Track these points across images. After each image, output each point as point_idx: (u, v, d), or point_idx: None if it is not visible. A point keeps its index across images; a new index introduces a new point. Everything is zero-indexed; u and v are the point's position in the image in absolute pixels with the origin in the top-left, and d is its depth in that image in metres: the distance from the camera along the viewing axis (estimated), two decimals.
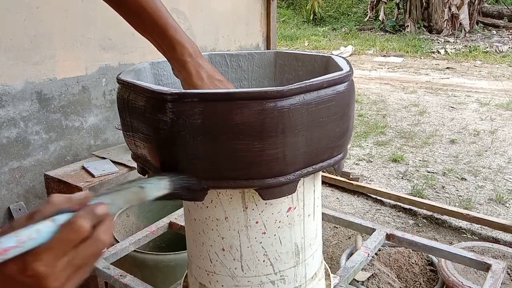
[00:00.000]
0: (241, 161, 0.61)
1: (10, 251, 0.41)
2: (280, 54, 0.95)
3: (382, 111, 4.90)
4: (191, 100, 0.59)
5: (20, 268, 0.42)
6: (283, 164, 0.63)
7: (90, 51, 2.02)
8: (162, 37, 0.75)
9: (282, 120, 0.60)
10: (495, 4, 10.54)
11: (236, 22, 2.76)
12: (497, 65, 7.17)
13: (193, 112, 0.59)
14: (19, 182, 1.86)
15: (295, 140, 0.62)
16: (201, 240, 0.76)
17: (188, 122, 0.60)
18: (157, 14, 0.74)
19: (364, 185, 2.94)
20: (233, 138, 0.59)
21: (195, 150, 0.61)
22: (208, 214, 0.73)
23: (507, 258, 1.85)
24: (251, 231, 0.73)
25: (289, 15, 12.44)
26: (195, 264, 0.81)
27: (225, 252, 0.74)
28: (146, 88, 0.64)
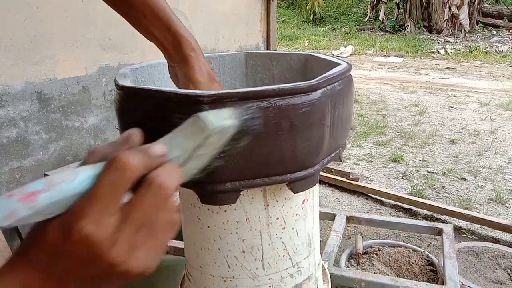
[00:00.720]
0: (277, 156, 0.62)
1: (40, 195, 0.31)
2: (251, 55, 0.96)
3: (382, 111, 4.90)
4: (229, 101, 0.58)
5: (63, 233, 0.32)
6: (312, 155, 0.65)
7: (90, 51, 2.02)
8: (166, 32, 0.73)
9: (313, 113, 0.62)
10: (495, 4, 10.54)
11: (236, 22, 2.77)
12: (497, 65, 7.17)
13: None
14: (19, 182, 1.86)
15: (322, 131, 0.64)
16: (217, 247, 0.75)
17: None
18: (160, 9, 0.73)
19: (364, 185, 2.94)
20: (271, 134, 0.60)
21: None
22: (227, 218, 0.72)
23: (507, 258, 1.85)
24: (272, 228, 0.73)
25: (289, 15, 12.44)
26: (206, 274, 0.79)
27: (246, 254, 0.74)
28: (177, 93, 0.61)
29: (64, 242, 0.32)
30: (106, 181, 0.33)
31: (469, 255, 1.87)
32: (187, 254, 0.83)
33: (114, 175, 0.33)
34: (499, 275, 1.76)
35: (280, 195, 0.70)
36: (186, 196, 0.77)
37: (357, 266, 1.90)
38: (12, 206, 0.30)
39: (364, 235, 2.39)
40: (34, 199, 0.31)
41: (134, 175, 0.33)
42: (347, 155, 3.65)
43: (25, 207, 0.30)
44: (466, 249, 1.90)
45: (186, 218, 0.79)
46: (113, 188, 0.33)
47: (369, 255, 1.96)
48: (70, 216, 0.32)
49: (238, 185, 0.63)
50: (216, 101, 0.57)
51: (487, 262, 1.83)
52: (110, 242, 0.32)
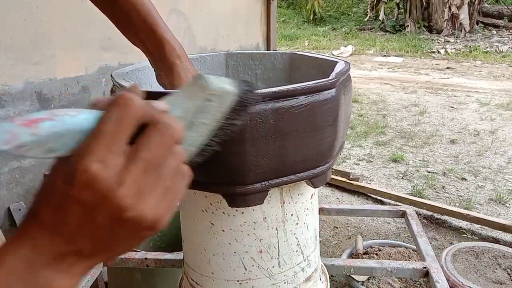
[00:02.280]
0: (303, 153, 0.63)
1: (43, 123, 0.30)
2: (231, 55, 0.96)
3: (382, 111, 4.90)
4: (263, 100, 0.58)
5: (67, 176, 0.30)
6: (330, 150, 0.67)
7: (90, 51, 2.02)
8: (151, 37, 0.71)
9: (334, 109, 0.64)
10: (495, 4, 10.54)
11: (236, 22, 2.76)
12: (497, 65, 7.17)
13: (267, 112, 0.58)
14: (19, 182, 1.86)
15: (339, 127, 0.66)
16: (232, 250, 0.74)
17: (262, 122, 0.58)
18: (146, 13, 0.72)
19: (364, 185, 2.94)
20: (301, 132, 0.61)
21: (266, 151, 0.60)
22: (244, 219, 0.72)
23: (507, 258, 1.85)
24: (287, 225, 0.74)
25: (289, 15, 12.44)
26: (220, 280, 0.78)
27: (263, 254, 0.74)
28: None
29: (68, 187, 0.30)
30: (112, 117, 0.31)
31: (469, 255, 1.87)
32: (191, 263, 0.81)
33: (119, 111, 0.31)
34: (499, 275, 1.76)
35: (294, 192, 0.71)
36: (194, 203, 0.75)
37: None
38: (13, 129, 0.29)
39: (364, 235, 2.39)
40: (37, 126, 0.29)
41: (139, 113, 0.32)
42: (347, 155, 3.65)
43: (27, 132, 0.29)
44: (466, 249, 1.90)
45: (195, 226, 0.77)
46: (119, 124, 0.31)
47: (369, 255, 1.96)
48: (74, 157, 0.30)
49: (268, 185, 0.63)
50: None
51: (487, 262, 1.83)
52: (117, 182, 0.30)
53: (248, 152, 0.58)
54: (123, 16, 0.73)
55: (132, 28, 0.73)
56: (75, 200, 0.30)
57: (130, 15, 0.71)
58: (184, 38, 2.43)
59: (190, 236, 0.80)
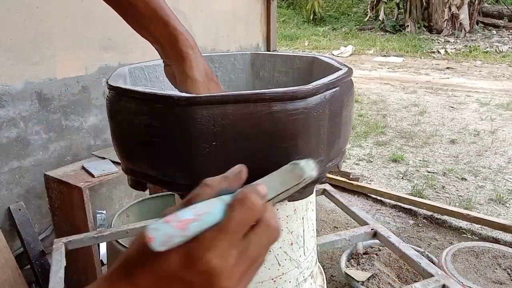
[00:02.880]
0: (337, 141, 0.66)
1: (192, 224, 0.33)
2: None
3: (382, 111, 4.90)
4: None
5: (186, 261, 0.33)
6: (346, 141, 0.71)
7: (90, 51, 2.02)
8: (163, 28, 0.71)
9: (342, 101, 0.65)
10: (495, 4, 10.54)
11: (236, 22, 2.76)
12: (497, 65, 7.17)
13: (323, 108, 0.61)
14: (19, 182, 1.86)
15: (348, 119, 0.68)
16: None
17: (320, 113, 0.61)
18: (157, 5, 0.71)
19: (364, 185, 2.94)
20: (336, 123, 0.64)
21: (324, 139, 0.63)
22: (279, 215, 0.72)
23: (507, 258, 1.85)
24: (310, 213, 0.76)
25: (289, 15, 12.44)
26: (254, 283, 0.77)
27: (293, 246, 0.74)
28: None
29: (184, 269, 0.33)
30: (237, 218, 0.35)
31: (469, 255, 1.87)
32: None
33: (245, 214, 0.35)
34: (499, 275, 1.76)
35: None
36: None
37: (357, 266, 1.90)
38: (170, 232, 0.33)
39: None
40: (186, 227, 0.33)
41: (259, 216, 0.36)
42: (347, 155, 3.65)
43: (179, 234, 0.33)
44: (466, 249, 1.90)
45: None
46: (242, 225, 0.35)
47: (369, 255, 1.96)
48: (198, 246, 0.33)
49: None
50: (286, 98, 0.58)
51: (487, 262, 1.83)
52: (228, 276, 0.34)
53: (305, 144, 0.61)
54: (132, 9, 0.72)
55: (142, 20, 0.72)
56: (183, 281, 0.33)
57: (139, 8, 0.71)
58: None
59: None
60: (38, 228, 1.95)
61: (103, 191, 2.20)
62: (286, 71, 0.91)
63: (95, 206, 2.11)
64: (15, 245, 1.87)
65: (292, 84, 0.91)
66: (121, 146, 0.69)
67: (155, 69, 0.86)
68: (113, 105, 0.67)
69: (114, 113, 0.67)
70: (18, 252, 1.87)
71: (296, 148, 0.60)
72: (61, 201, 1.75)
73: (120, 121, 0.66)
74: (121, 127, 0.66)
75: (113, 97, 0.67)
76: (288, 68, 0.90)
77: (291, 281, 0.76)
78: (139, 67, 0.84)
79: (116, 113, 0.67)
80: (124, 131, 0.66)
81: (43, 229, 1.99)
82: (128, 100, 0.63)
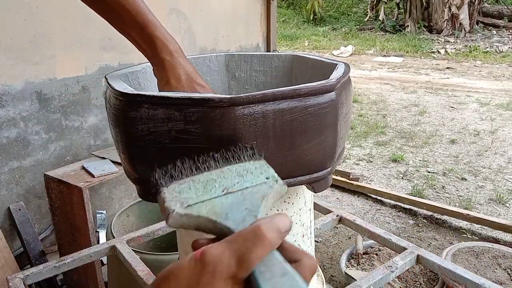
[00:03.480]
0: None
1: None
2: None
3: (382, 111, 4.90)
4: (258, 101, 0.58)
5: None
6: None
7: (90, 51, 2.02)
8: (141, 34, 0.71)
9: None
10: (495, 4, 10.54)
11: (236, 22, 2.76)
12: (497, 65, 7.17)
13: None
14: (19, 182, 1.86)
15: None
16: None
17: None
18: (136, 10, 0.71)
19: (364, 185, 2.94)
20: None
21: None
22: (293, 209, 0.73)
23: (507, 258, 1.85)
24: (312, 204, 0.78)
25: (289, 15, 12.44)
26: None
27: (304, 237, 0.76)
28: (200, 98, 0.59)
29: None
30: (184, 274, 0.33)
31: (469, 255, 1.87)
32: None
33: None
34: (499, 275, 1.76)
35: None
36: None
37: (357, 266, 1.90)
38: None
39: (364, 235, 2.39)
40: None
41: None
42: (347, 155, 3.65)
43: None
44: (466, 249, 1.90)
45: None
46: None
47: (369, 255, 1.96)
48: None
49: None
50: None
51: (487, 262, 1.83)
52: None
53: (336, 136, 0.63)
54: (115, 16, 0.73)
55: (124, 26, 0.73)
56: None
57: (121, 14, 0.71)
58: (184, 38, 2.43)
59: None
60: (38, 228, 1.95)
61: (103, 191, 2.20)
62: (264, 70, 0.92)
63: (95, 206, 2.11)
64: (15, 245, 1.87)
65: (271, 82, 0.92)
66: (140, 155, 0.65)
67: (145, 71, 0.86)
68: (126, 114, 0.62)
69: (129, 122, 0.63)
70: (18, 252, 1.87)
71: (324, 140, 0.62)
72: (61, 201, 1.75)
73: (140, 131, 0.62)
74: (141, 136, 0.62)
75: (126, 105, 0.63)
76: (266, 67, 0.90)
77: None
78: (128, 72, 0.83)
79: (133, 122, 0.62)
80: (145, 141, 0.63)
81: (43, 229, 1.99)
82: (152, 107, 0.60)
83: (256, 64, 0.91)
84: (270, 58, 0.90)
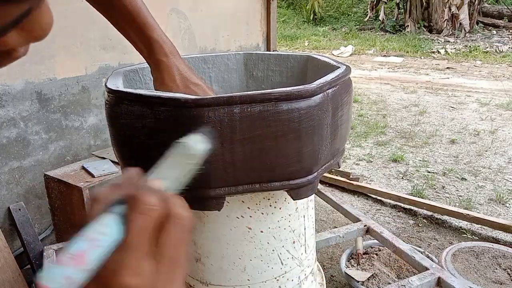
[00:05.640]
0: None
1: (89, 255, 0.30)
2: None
3: (382, 111, 4.90)
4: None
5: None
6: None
7: (90, 51, 2.02)
8: (139, 35, 0.73)
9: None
10: (495, 4, 10.54)
11: (236, 22, 2.76)
12: (497, 65, 7.17)
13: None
14: (19, 182, 1.86)
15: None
16: (271, 249, 0.74)
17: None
18: (136, 12, 0.73)
19: (364, 185, 2.94)
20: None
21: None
22: (281, 214, 0.73)
23: (507, 258, 1.85)
24: (310, 211, 0.77)
25: (289, 15, 12.44)
26: (256, 284, 0.76)
27: (295, 244, 0.76)
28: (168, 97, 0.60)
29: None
30: (137, 228, 0.32)
31: (469, 255, 1.87)
32: (218, 279, 0.76)
33: (144, 220, 0.32)
34: (499, 275, 1.76)
35: None
36: (226, 214, 0.71)
37: (357, 266, 1.90)
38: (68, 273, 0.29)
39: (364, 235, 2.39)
40: (85, 260, 0.30)
41: (158, 215, 0.33)
42: (347, 155, 3.65)
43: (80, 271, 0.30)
44: (466, 249, 1.90)
45: (228, 237, 0.74)
46: (145, 233, 0.32)
47: (369, 255, 1.96)
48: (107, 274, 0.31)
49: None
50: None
51: (487, 262, 1.83)
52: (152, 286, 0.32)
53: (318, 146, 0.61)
54: (115, 14, 0.75)
55: (124, 26, 0.75)
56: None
57: (122, 13, 0.73)
58: (184, 38, 2.43)
59: (219, 250, 0.75)
60: (38, 228, 1.95)
61: None
62: (280, 70, 0.92)
63: None
64: (15, 245, 1.87)
65: (287, 82, 0.92)
66: (121, 150, 0.69)
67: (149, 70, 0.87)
68: (112, 109, 0.67)
69: (113, 117, 0.67)
70: (18, 252, 1.87)
71: (302, 146, 0.60)
72: (61, 201, 1.75)
73: (121, 125, 0.65)
74: (122, 131, 0.66)
75: (113, 101, 0.66)
76: (282, 67, 0.91)
77: (293, 279, 0.77)
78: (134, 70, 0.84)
79: (116, 117, 0.66)
80: (124, 136, 0.66)
81: (43, 229, 1.99)
82: (130, 104, 0.63)
83: (272, 64, 0.91)
84: (286, 58, 0.90)
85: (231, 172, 0.58)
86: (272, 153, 0.60)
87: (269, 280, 0.76)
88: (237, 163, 0.57)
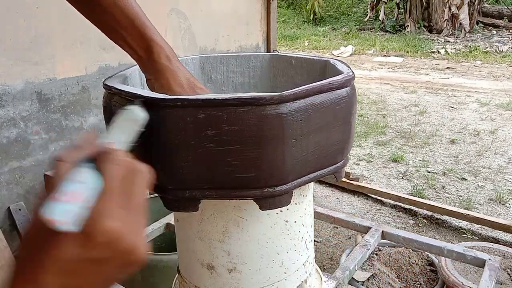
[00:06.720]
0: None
1: (83, 193, 0.33)
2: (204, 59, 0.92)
3: (382, 111, 4.90)
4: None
5: (86, 239, 0.32)
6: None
7: (90, 51, 2.02)
8: (139, 39, 0.69)
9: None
10: (495, 4, 10.54)
11: (236, 22, 2.76)
12: (497, 65, 7.17)
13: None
14: (19, 182, 1.86)
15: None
16: (301, 237, 0.76)
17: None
18: (133, 15, 0.69)
19: (364, 185, 2.94)
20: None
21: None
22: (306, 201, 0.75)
23: (507, 258, 1.85)
24: (311, 208, 0.78)
25: (289, 15, 12.44)
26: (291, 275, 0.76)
27: (301, 242, 0.77)
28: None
29: (88, 248, 0.32)
30: (112, 177, 0.36)
31: None
32: (261, 281, 0.74)
33: (116, 170, 0.36)
34: (499, 275, 1.76)
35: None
36: (268, 212, 0.67)
37: None
38: (67, 208, 0.32)
39: (364, 235, 2.39)
40: (81, 198, 0.33)
41: (127, 165, 0.38)
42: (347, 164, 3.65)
43: (78, 206, 0.32)
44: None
45: (268, 235, 0.71)
46: (119, 182, 0.36)
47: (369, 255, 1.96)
48: (92, 219, 0.33)
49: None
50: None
51: None
52: (130, 231, 0.34)
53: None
54: (109, 20, 0.69)
55: (119, 31, 0.70)
56: (93, 260, 0.33)
57: (117, 18, 0.68)
58: (184, 38, 2.43)
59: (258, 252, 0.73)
60: None
61: None
62: (241, 71, 0.90)
63: None
64: (15, 245, 1.87)
65: (250, 82, 0.90)
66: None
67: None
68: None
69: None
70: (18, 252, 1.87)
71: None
72: None
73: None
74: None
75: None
76: (243, 68, 0.89)
77: (311, 262, 0.78)
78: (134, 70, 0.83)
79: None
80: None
81: None
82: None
83: (233, 65, 0.90)
84: (247, 58, 0.88)
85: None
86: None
87: (300, 268, 0.77)
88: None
